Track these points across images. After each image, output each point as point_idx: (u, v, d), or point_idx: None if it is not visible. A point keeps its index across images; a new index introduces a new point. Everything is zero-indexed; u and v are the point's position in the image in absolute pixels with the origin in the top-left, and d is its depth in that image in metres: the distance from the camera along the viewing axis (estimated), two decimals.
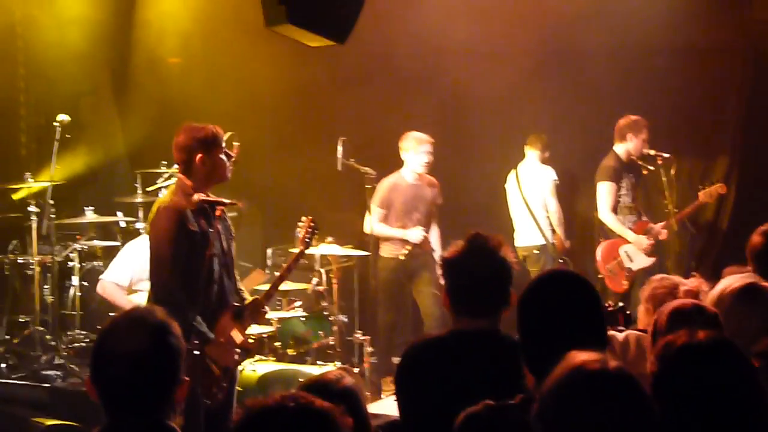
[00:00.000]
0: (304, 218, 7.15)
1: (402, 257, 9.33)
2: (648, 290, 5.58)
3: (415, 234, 9.30)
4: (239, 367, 6.70)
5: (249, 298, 6.46)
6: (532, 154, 10.21)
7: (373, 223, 9.31)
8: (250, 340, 6.50)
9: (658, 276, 6.11)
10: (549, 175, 10.04)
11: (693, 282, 5.80)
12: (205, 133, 6.11)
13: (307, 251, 7.10)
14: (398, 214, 9.40)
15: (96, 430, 3.03)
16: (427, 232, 9.38)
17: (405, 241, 9.33)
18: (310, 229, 7.06)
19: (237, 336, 6.25)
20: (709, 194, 9.47)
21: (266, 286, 7.28)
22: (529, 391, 3.23)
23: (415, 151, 9.37)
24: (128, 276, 8.27)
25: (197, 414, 5.80)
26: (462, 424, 3.27)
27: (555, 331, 3.24)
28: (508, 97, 10.69)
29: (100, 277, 8.50)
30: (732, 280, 4.75)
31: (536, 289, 3.43)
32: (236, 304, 6.31)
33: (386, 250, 9.47)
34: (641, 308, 5.59)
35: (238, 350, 6.23)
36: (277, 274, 8.80)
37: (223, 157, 6.16)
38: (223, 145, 6.19)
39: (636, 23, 10.35)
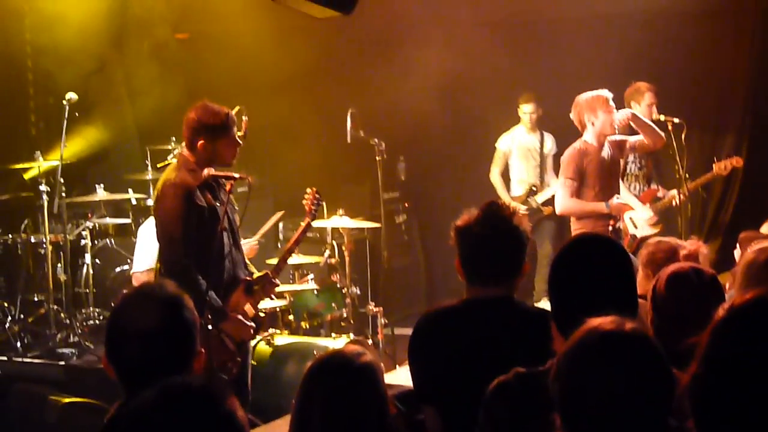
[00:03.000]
0: (309, 190, 7.13)
1: None
2: (646, 255, 5.54)
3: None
4: (252, 342, 6.72)
5: (257, 273, 6.47)
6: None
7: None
8: (262, 314, 6.49)
9: (655, 239, 6.08)
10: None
11: (691, 244, 5.78)
12: (215, 120, 6.07)
13: (315, 224, 7.09)
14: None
15: (115, 405, 3.03)
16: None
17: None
18: (315, 201, 7.05)
19: (250, 310, 6.26)
20: (724, 167, 9.43)
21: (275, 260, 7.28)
22: (550, 354, 3.22)
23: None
24: (153, 258, 8.23)
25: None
26: (493, 392, 3.26)
27: (586, 295, 3.22)
28: (514, 67, 10.65)
29: (131, 272, 8.46)
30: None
31: (568, 251, 3.41)
32: (247, 278, 6.32)
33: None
34: (640, 273, 5.56)
35: (252, 324, 6.25)
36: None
37: (228, 145, 6.12)
38: (234, 132, 6.15)
39: None
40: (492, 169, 10.66)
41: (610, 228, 7.93)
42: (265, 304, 6.95)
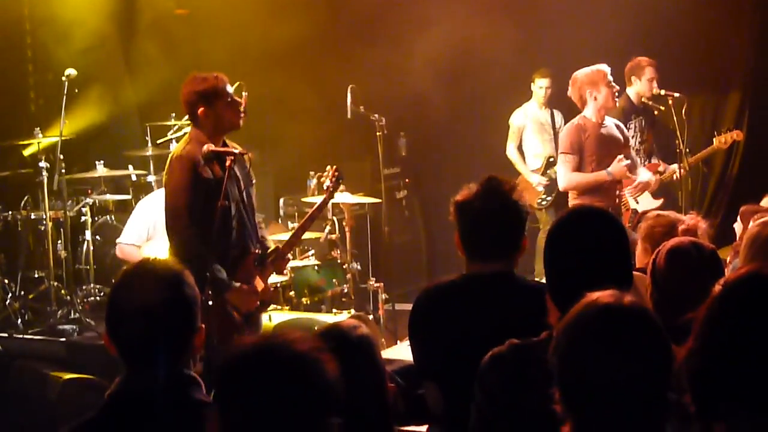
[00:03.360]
0: (328, 167, 7.11)
1: None
2: (645, 229, 5.54)
3: None
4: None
5: (272, 246, 6.48)
6: None
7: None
8: (271, 289, 6.51)
9: (653, 213, 6.08)
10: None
11: (690, 219, 5.78)
12: (205, 85, 6.10)
13: (313, 199, 7.08)
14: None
15: (116, 381, 3.03)
16: None
17: None
18: (334, 178, 7.02)
19: (258, 283, 6.27)
20: (724, 140, 9.43)
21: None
22: (553, 327, 3.22)
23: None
24: (143, 233, 8.24)
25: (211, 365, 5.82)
26: (488, 364, 3.27)
27: (581, 267, 3.21)
28: (515, 43, 10.62)
29: (117, 240, 8.48)
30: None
31: (564, 224, 3.40)
32: (257, 251, 6.32)
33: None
34: (639, 248, 5.56)
35: (257, 294, 6.24)
36: (293, 225, 8.86)
37: (228, 106, 6.13)
38: (229, 93, 6.15)
39: None
40: (508, 145, 10.61)
41: (617, 200, 7.95)
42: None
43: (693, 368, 2.58)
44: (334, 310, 8.34)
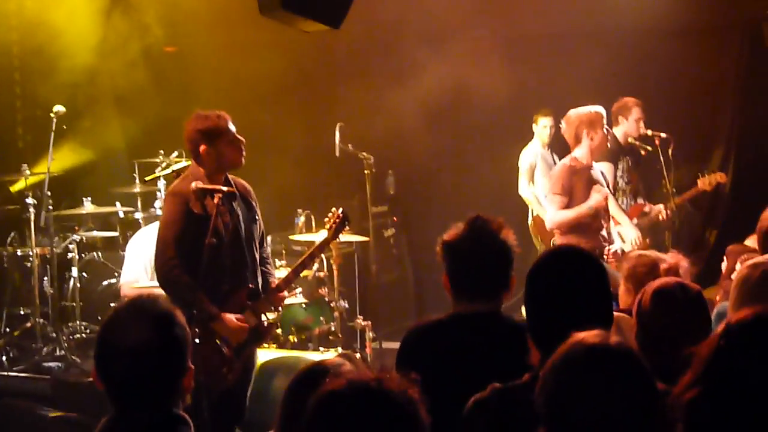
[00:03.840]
0: (333, 209, 7.09)
1: None
2: (627, 270, 5.52)
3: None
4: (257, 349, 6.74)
5: (275, 283, 6.47)
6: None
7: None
8: (265, 324, 6.49)
9: (635, 253, 6.07)
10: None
11: (672, 258, 5.77)
12: (207, 123, 6.15)
13: (302, 237, 7.07)
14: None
15: (103, 420, 3.02)
16: None
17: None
18: (337, 220, 6.98)
19: (250, 317, 6.25)
20: (708, 182, 9.46)
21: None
22: (535, 368, 3.22)
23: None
24: (141, 269, 8.21)
25: (199, 401, 5.79)
26: (471, 409, 3.26)
27: (562, 307, 3.23)
28: (502, 82, 10.66)
29: (120, 282, 8.44)
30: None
31: (543, 263, 3.41)
32: (251, 286, 6.31)
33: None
34: (621, 288, 5.55)
35: (245, 326, 6.21)
36: (280, 263, 8.85)
37: (229, 145, 6.18)
38: (231, 131, 6.19)
39: (628, 4, 10.32)
40: (521, 185, 10.41)
41: (603, 242, 7.93)
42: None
43: (691, 400, 2.59)
44: (321, 348, 8.32)
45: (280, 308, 7.01)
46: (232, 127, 6.23)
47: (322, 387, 2.38)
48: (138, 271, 8.19)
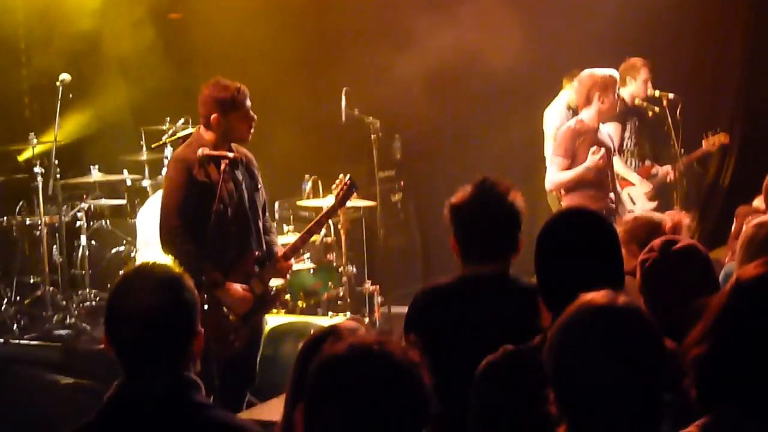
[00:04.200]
0: (341, 176, 7.07)
1: None
2: (626, 232, 5.43)
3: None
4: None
5: (280, 251, 6.48)
6: None
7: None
8: (272, 292, 6.50)
9: (630, 216, 6.03)
10: None
11: (673, 216, 5.74)
12: (225, 94, 6.13)
13: (309, 203, 7.06)
14: None
15: (115, 384, 3.03)
16: None
17: None
18: (345, 188, 6.97)
19: (257, 285, 6.26)
20: (712, 143, 9.43)
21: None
22: (545, 330, 3.22)
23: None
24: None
25: (208, 367, 5.81)
26: (483, 372, 3.26)
27: (572, 268, 3.22)
28: (509, 43, 10.61)
29: (135, 256, 8.49)
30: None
31: (553, 226, 3.40)
32: (257, 253, 6.31)
33: None
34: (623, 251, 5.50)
35: (250, 295, 6.23)
36: (288, 228, 8.86)
37: (241, 119, 6.18)
38: (246, 106, 6.18)
39: None
40: (548, 147, 10.17)
41: (611, 204, 7.89)
42: None
43: (699, 355, 2.60)
44: (330, 314, 8.34)
45: (287, 275, 7.03)
46: (248, 103, 6.22)
47: (323, 351, 2.38)
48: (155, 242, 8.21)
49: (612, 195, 7.93)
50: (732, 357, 2.57)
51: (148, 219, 7.90)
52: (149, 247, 7.99)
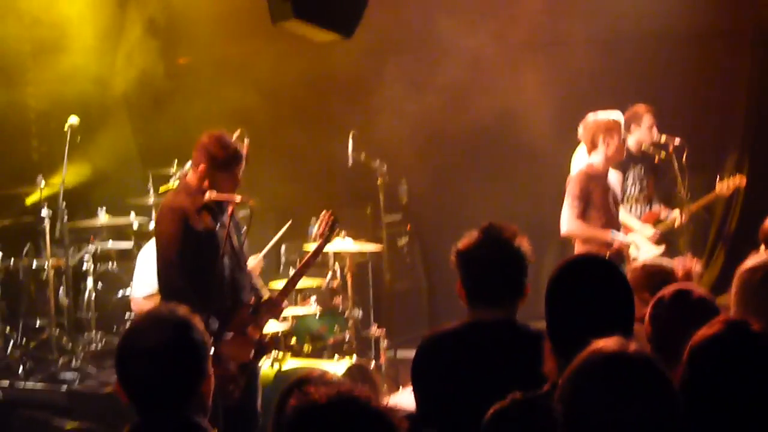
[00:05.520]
0: (324, 212, 7.09)
1: None
2: (637, 279, 5.40)
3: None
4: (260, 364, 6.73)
5: (266, 295, 6.48)
6: None
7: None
8: (267, 338, 6.49)
9: (639, 263, 6.00)
10: None
11: (683, 263, 5.72)
12: (219, 152, 6.10)
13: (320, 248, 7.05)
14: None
15: (126, 428, 3.05)
16: None
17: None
18: (329, 224, 6.98)
19: (254, 332, 6.26)
20: (727, 186, 9.41)
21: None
22: (551, 377, 3.22)
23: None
24: (151, 283, 8.24)
25: (215, 414, 5.80)
26: (491, 420, 3.25)
27: (582, 315, 3.22)
28: (514, 89, 10.66)
29: (131, 296, 8.49)
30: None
31: (565, 272, 3.40)
32: (251, 301, 6.32)
33: None
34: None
35: (251, 344, 6.22)
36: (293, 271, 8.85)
37: (228, 181, 6.13)
38: (238, 170, 6.16)
39: (638, 10, 10.32)
40: None
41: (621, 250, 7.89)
42: (268, 327, 6.94)
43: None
44: (336, 357, 8.32)
45: (287, 318, 7.00)
46: (241, 167, 6.19)
47: (292, 402, 2.44)
48: (148, 284, 8.22)
49: (621, 238, 7.92)
50: (700, 421, 2.62)
51: (150, 262, 7.90)
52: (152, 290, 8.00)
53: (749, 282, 4.34)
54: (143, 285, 8.23)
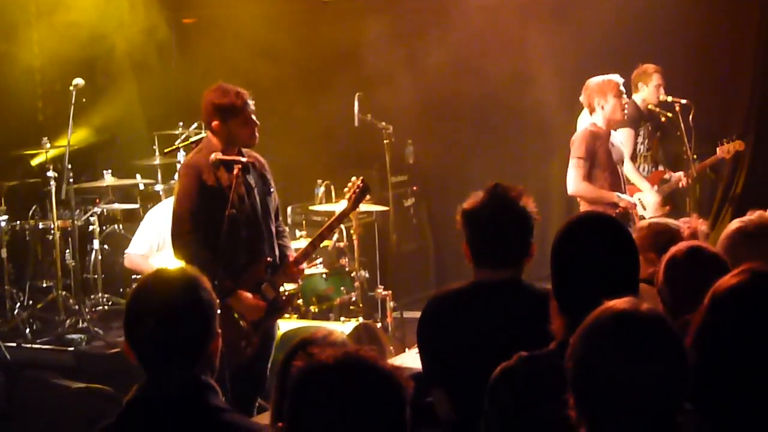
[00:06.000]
0: (354, 178, 7.06)
1: None
2: (643, 238, 5.38)
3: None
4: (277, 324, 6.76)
5: (292, 255, 6.46)
6: None
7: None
8: (283, 297, 6.49)
9: (645, 222, 5.98)
10: None
11: (690, 222, 5.71)
12: (223, 100, 6.10)
13: (322, 207, 7.06)
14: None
15: (135, 387, 3.05)
16: None
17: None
18: (357, 190, 6.96)
19: (268, 291, 6.26)
20: (727, 150, 9.41)
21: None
22: (558, 336, 3.21)
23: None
24: (150, 243, 8.28)
25: (222, 373, 5.81)
26: (498, 378, 3.25)
27: (588, 274, 3.21)
28: (521, 49, 10.62)
29: (125, 251, 8.53)
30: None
31: (571, 231, 3.38)
32: (269, 258, 6.30)
33: None
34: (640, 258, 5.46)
35: (262, 303, 6.22)
36: (300, 233, 8.86)
37: (242, 125, 6.13)
38: (247, 111, 6.14)
39: None
40: None
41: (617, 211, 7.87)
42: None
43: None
44: (342, 318, 8.33)
45: (299, 281, 7.00)
46: (251, 107, 6.17)
47: (293, 366, 2.46)
48: (145, 243, 8.26)
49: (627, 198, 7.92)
50: (716, 371, 2.60)
51: (162, 222, 7.92)
52: (163, 250, 8.02)
53: (730, 239, 4.37)
54: (142, 242, 8.30)
